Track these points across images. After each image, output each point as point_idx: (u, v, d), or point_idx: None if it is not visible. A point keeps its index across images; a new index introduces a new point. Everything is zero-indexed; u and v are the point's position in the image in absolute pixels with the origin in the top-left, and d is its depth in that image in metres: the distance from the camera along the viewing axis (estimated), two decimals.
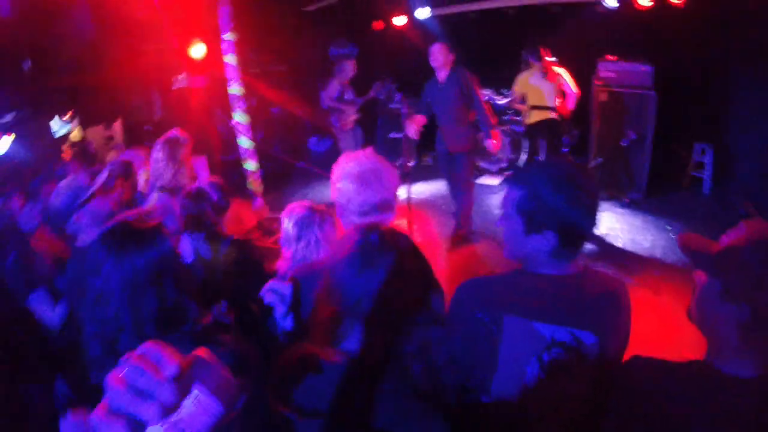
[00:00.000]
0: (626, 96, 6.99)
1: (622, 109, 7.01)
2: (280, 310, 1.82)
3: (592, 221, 1.64)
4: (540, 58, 6.62)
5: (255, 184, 5.64)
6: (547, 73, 6.63)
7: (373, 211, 2.01)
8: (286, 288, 1.83)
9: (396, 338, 1.35)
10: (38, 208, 3.87)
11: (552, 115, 6.69)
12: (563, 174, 1.62)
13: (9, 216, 3.49)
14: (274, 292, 1.83)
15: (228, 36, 5.27)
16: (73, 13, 4.91)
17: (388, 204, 2.06)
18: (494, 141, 6.03)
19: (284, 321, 1.83)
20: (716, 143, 7.30)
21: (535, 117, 6.84)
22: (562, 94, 6.75)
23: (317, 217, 2.49)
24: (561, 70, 6.73)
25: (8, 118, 5.81)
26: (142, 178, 4.05)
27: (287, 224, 2.53)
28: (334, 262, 1.44)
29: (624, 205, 7.08)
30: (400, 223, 5.62)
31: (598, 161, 7.21)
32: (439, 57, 5.95)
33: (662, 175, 7.41)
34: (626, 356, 1.74)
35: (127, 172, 3.64)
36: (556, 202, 1.58)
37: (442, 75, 6.04)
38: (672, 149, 7.78)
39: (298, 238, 2.48)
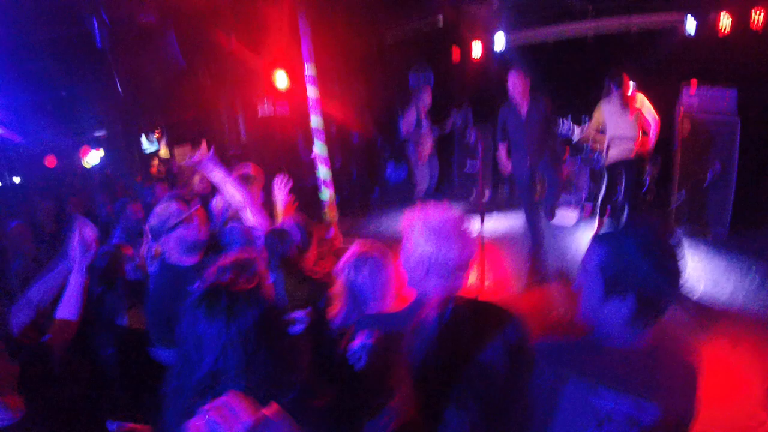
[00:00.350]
0: (710, 123, 6.63)
1: (707, 138, 6.65)
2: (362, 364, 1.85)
3: (675, 290, 1.56)
4: (622, 85, 6.35)
5: (331, 213, 5.75)
6: (628, 103, 6.35)
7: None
8: (370, 340, 1.86)
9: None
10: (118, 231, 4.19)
11: (633, 147, 6.38)
12: (652, 238, 1.56)
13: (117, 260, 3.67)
14: (364, 349, 1.85)
15: (309, 69, 5.45)
16: (164, 40, 5.25)
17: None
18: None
19: None
20: None
21: (615, 150, 6.55)
22: (643, 127, 6.45)
23: (354, 261, 2.45)
24: (641, 97, 6.43)
25: (100, 133, 6.25)
26: (217, 205, 4.21)
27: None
28: (413, 333, 1.43)
29: (707, 243, 6.64)
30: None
31: (681, 195, 6.81)
32: (518, 86, 6.08)
33: (749, 209, 6.88)
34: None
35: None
36: (642, 266, 1.52)
37: (523, 104, 6.16)
38: (760, 180, 7.24)
39: (341, 271, 2.48)
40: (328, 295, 2.68)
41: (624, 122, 6.40)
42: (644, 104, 6.40)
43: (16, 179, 5.59)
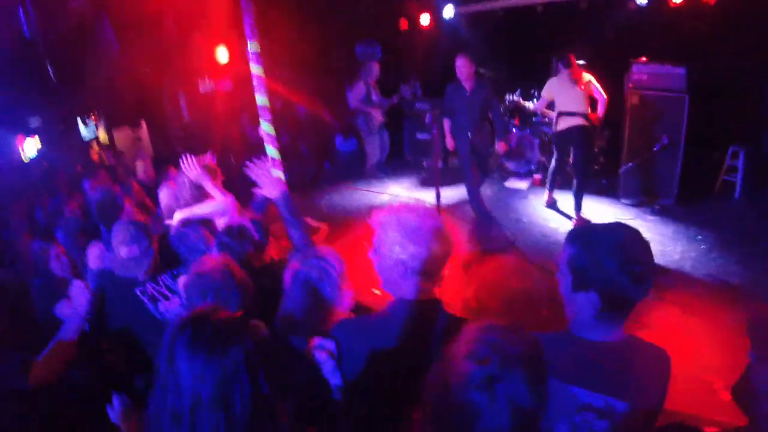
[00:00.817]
0: (659, 99, 6.77)
1: (655, 113, 6.80)
2: (328, 367, 1.82)
3: (641, 290, 1.58)
4: (570, 65, 6.44)
5: None
6: (577, 80, 6.46)
7: (441, 268, 1.89)
8: (331, 344, 1.83)
9: None
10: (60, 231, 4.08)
11: (582, 121, 6.49)
12: (619, 239, 1.59)
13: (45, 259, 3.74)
14: (321, 349, 1.82)
15: (252, 46, 5.20)
16: (95, 24, 4.94)
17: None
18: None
19: (334, 376, 1.83)
20: (750, 146, 7.06)
21: (564, 123, 6.62)
22: (592, 101, 6.57)
23: (307, 264, 2.33)
24: (588, 76, 6.55)
25: (35, 122, 5.90)
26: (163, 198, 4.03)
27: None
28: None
29: (654, 212, 6.87)
30: None
31: (628, 166, 7.00)
32: (464, 70, 6.43)
33: (694, 180, 7.19)
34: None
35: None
36: (606, 265, 1.56)
37: (468, 84, 6.53)
38: (705, 153, 7.53)
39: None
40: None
41: (572, 98, 6.49)
42: (592, 81, 6.52)
43: None
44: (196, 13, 6.01)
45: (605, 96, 6.51)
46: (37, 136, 5.64)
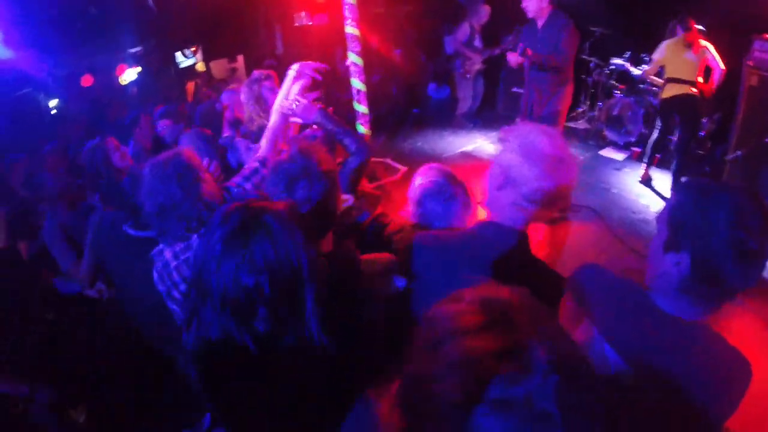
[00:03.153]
0: None
1: None
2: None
3: (744, 273, 1.31)
4: (688, 29, 5.86)
5: (364, 127, 5.50)
6: (692, 45, 5.88)
7: (543, 203, 1.67)
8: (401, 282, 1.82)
9: None
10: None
11: (692, 90, 5.94)
12: (739, 201, 1.29)
13: (104, 152, 3.73)
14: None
15: None
16: None
17: (562, 198, 1.71)
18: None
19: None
20: None
21: (671, 91, 6.09)
22: (706, 70, 5.98)
23: (448, 191, 2.32)
24: (706, 44, 5.94)
25: (136, 50, 6.08)
26: None
27: (417, 181, 2.46)
28: None
29: None
30: None
31: (737, 155, 6.34)
32: (530, 6, 5.58)
33: None
34: None
35: None
36: (712, 223, 1.29)
37: (540, 21, 5.69)
38: None
39: (418, 204, 2.37)
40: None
41: (685, 64, 5.94)
42: (709, 50, 5.91)
43: (53, 102, 5.52)
44: None
45: (723, 66, 5.88)
46: (139, 66, 5.83)
